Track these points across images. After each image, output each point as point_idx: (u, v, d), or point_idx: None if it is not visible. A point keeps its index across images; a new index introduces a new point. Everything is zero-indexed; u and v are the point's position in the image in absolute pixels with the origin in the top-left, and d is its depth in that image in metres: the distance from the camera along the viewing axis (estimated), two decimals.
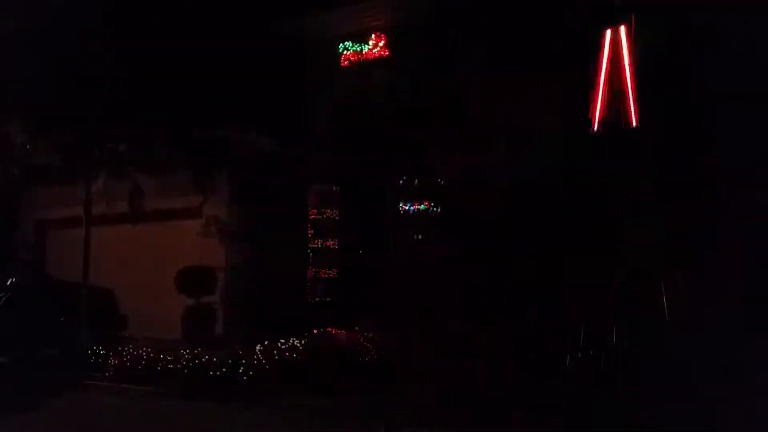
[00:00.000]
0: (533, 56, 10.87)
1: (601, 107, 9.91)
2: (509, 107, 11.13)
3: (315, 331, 9.75)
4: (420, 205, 12.70)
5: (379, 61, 13.16)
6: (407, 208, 12.77)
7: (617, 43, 9.96)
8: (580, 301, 9.52)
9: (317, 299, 15.11)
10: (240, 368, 8.59)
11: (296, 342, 9.20)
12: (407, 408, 7.46)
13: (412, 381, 8.49)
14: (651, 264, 9.50)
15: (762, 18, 9.08)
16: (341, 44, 13.67)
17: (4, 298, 10.97)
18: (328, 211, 15.68)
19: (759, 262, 8.84)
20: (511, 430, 6.62)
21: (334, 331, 9.84)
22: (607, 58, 10.00)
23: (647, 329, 8.76)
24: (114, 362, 9.35)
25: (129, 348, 9.59)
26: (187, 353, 9.13)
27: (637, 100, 9.63)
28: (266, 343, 9.23)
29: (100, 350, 9.79)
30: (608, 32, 10.06)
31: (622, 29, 9.92)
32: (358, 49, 13.50)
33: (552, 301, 9.88)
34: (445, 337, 10.03)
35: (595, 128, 9.93)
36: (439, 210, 12.40)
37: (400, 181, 12.80)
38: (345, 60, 13.69)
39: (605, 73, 9.97)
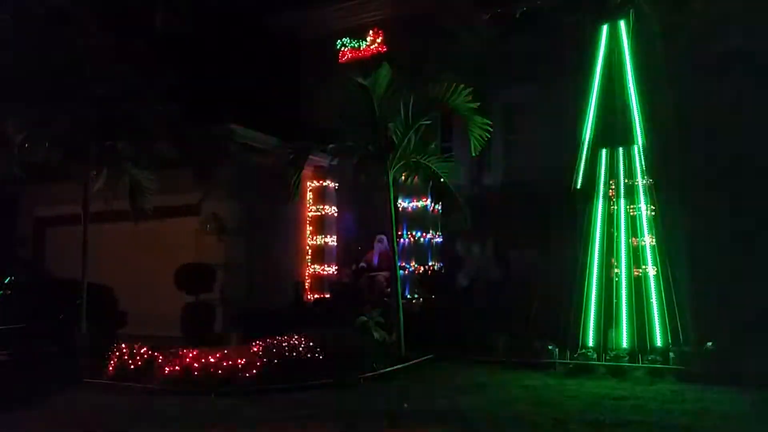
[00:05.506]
0: None
1: None
2: None
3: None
4: None
5: None
6: None
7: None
8: None
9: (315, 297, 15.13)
10: (240, 365, 8.60)
11: (295, 338, 9.21)
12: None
13: None
14: None
15: None
16: None
17: (3, 296, 10.96)
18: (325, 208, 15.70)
19: None
20: None
21: None
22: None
23: None
24: (113, 360, 9.34)
25: (128, 345, 9.57)
26: (186, 350, 9.15)
27: None
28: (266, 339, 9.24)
29: (99, 348, 9.77)
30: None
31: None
32: None
33: None
34: None
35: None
36: None
37: None
38: None
39: None
